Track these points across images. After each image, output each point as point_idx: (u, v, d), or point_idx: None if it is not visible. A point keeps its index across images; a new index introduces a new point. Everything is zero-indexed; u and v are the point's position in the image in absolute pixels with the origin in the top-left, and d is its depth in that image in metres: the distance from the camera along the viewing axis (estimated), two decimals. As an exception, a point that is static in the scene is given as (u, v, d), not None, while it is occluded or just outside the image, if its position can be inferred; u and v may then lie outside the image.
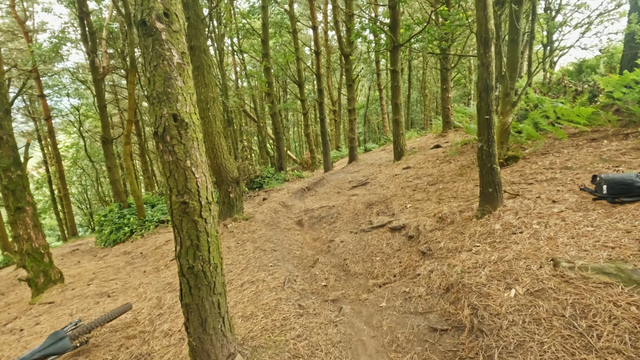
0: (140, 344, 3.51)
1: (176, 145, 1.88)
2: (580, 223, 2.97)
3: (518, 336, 2.05)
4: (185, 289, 2.10)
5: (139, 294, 5.17)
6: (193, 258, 2.03)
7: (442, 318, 2.59)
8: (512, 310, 2.23)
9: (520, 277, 2.49)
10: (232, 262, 5.30)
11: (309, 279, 4.27)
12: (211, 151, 6.65)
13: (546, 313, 2.11)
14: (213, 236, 2.11)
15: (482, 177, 3.79)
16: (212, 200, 2.09)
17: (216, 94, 6.58)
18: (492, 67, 3.54)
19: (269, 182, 12.57)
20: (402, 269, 3.85)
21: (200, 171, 1.99)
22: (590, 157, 4.77)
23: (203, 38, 6.26)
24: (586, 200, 3.44)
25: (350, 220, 6.20)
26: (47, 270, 5.99)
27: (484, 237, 3.38)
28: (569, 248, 2.64)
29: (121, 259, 8.31)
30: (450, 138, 11.69)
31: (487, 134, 3.67)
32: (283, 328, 2.92)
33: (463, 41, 16.52)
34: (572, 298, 2.14)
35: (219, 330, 2.23)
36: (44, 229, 29.31)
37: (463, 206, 4.43)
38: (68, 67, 20.41)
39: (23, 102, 22.50)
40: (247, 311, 3.51)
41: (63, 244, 15.33)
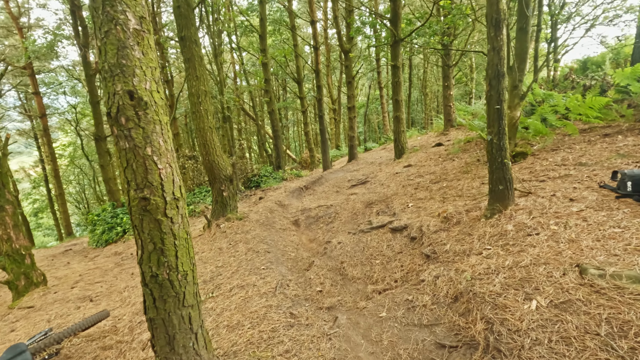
0: (116, 356, 3.19)
1: (133, 129, 1.55)
2: (605, 224, 2.64)
3: (544, 359, 1.72)
4: (149, 301, 1.77)
5: (123, 299, 4.85)
6: (157, 265, 1.71)
7: (451, 332, 2.26)
8: (535, 326, 1.90)
9: (542, 286, 2.16)
10: (222, 264, 4.98)
11: (302, 284, 3.94)
12: (203, 147, 6.32)
13: (576, 330, 1.78)
14: (182, 239, 1.78)
15: (492, 173, 3.46)
16: (180, 196, 1.76)
17: (208, 88, 6.26)
18: (503, 52, 3.21)
19: (267, 181, 12.25)
20: (404, 273, 3.52)
21: (164, 161, 1.66)
22: (606, 153, 4.44)
23: (194, 29, 5.94)
24: (608, 199, 3.11)
25: (349, 221, 5.87)
26: (29, 272, 5.67)
27: (495, 239, 3.05)
28: (596, 252, 2.31)
29: (111, 259, 7.99)
30: (452, 136, 11.35)
31: (497, 126, 3.34)
32: (270, 341, 2.60)
33: (465, 38, 16.19)
34: (606, 312, 1.81)
35: (190, 349, 1.91)
36: (42, 229, 29.06)
37: (470, 205, 4.10)
38: (64, 65, 20.11)
39: (19, 100, 22.20)
40: (234, 320, 3.18)
41: (59, 243, 15.03)
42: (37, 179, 26.76)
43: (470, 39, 18.79)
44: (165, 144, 1.67)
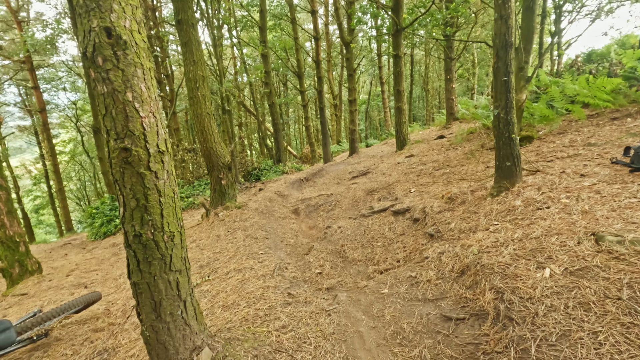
0: (107, 338, 3.07)
1: (112, 71, 1.42)
2: (620, 195, 2.49)
3: (561, 325, 1.58)
4: (133, 264, 1.64)
5: (118, 285, 4.73)
6: (140, 223, 1.57)
7: (458, 305, 2.12)
8: (550, 293, 1.76)
9: (555, 255, 2.02)
10: (220, 250, 4.85)
11: (301, 267, 3.81)
12: (201, 134, 6.19)
13: (595, 296, 1.64)
14: (168, 196, 1.65)
15: (499, 150, 3.32)
16: (165, 150, 1.63)
17: (206, 73, 6.12)
18: (511, 20, 3.06)
19: (267, 174, 12.12)
20: (406, 253, 3.38)
21: (147, 109, 1.53)
22: (616, 133, 4.28)
23: (191, 12, 5.80)
24: (621, 173, 2.96)
25: (350, 207, 5.73)
26: (23, 260, 5.55)
27: (503, 215, 2.91)
28: (612, 221, 2.17)
29: (109, 251, 7.87)
30: (454, 129, 11.18)
31: (505, 99, 3.20)
32: (266, 318, 2.46)
33: (468, 30, 16.01)
34: (627, 277, 1.67)
35: (178, 317, 1.77)
36: (43, 226, 29.04)
37: (475, 186, 3.95)
38: (64, 60, 20.02)
39: (19, 96, 22.14)
40: (229, 300, 3.06)
41: (59, 239, 14.96)
42: (37, 176, 26.72)
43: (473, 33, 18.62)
44: (149, 91, 1.54)
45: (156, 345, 1.76)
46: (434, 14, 9.40)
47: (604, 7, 11.00)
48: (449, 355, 1.80)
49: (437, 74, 30.10)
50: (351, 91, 12.78)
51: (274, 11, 16.87)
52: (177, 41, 19.16)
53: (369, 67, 28.36)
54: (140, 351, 2.65)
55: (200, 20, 12.38)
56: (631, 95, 5.54)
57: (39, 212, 30.17)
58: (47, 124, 17.02)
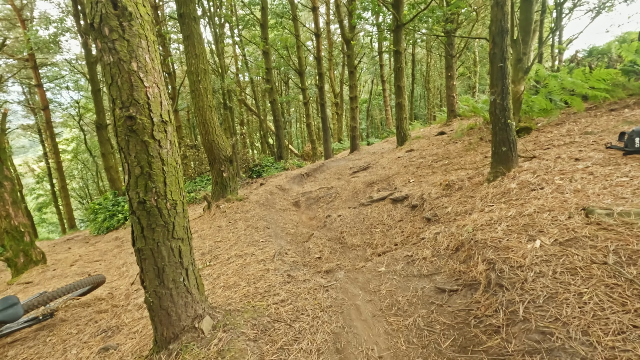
0: (111, 318, 3.14)
1: (117, 41, 1.49)
2: (612, 175, 2.55)
3: (548, 288, 1.64)
4: (137, 231, 1.71)
5: (121, 273, 4.81)
6: (144, 190, 1.64)
7: (452, 278, 2.18)
8: (539, 261, 1.82)
9: (546, 229, 2.07)
10: (221, 239, 4.92)
11: (301, 252, 3.88)
12: (202, 127, 6.27)
13: (582, 262, 1.70)
14: (171, 166, 1.71)
15: (495, 135, 3.37)
16: (168, 121, 1.70)
17: (207, 67, 6.20)
18: (507, 7, 3.12)
19: (268, 170, 12.19)
20: (404, 237, 3.44)
21: (151, 80, 1.60)
22: (613, 123, 4.33)
23: (193, 5, 5.88)
24: (615, 157, 3.02)
25: (350, 199, 5.79)
26: (28, 249, 5.64)
27: (498, 198, 2.96)
28: (603, 197, 2.22)
29: (112, 244, 7.96)
30: (455, 126, 11.21)
31: (501, 85, 3.25)
32: (266, 294, 2.53)
33: (469, 28, 16.05)
34: (614, 245, 1.72)
35: (180, 285, 1.84)
36: (46, 225, 29.19)
37: (472, 174, 4.01)
38: (67, 59, 20.16)
39: (23, 95, 22.31)
40: (230, 281, 3.13)
41: (62, 236, 15.07)
42: (40, 174, 26.89)
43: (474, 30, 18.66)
44: (152, 62, 1.60)
45: (159, 311, 1.82)
46: (434, 11, 9.45)
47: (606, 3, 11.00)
48: (442, 322, 1.86)
49: (439, 72, 30.10)
50: (352, 88, 12.84)
51: (276, 9, 16.97)
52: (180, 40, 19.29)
53: (370, 65, 28.41)
54: (144, 328, 2.72)
55: (202, 18, 12.49)
56: (630, 88, 5.58)
57: (41, 211, 30.32)
58: (50, 122, 17.16)
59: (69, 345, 2.76)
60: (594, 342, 1.31)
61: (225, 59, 19.70)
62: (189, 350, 1.81)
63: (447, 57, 12.55)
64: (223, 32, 13.90)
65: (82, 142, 24.95)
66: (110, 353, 2.43)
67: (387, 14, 10.41)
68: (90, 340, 2.76)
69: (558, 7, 10.25)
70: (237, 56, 22.07)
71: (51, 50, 17.26)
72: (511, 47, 5.20)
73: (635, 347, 1.23)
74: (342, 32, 12.32)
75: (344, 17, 12.98)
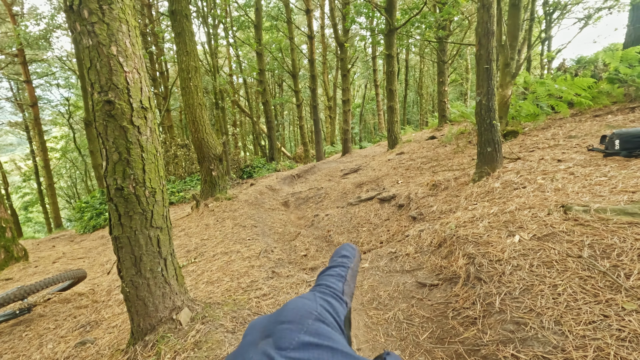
0: (91, 313, 3.09)
1: (97, 24, 1.47)
2: (592, 175, 2.60)
3: (525, 281, 1.65)
4: (114, 218, 1.68)
5: (105, 270, 4.73)
6: (122, 177, 1.62)
7: (433, 273, 2.19)
8: (517, 255, 1.84)
9: (525, 225, 2.10)
10: (208, 237, 4.88)
11: (287, 250, 3.86)
12: (192, 124, 6.23)
13: (558, 255, 1.72)
14: (150, 153, 1.70)
15: (481, 135, 3.42)
16: (148, 107, 1.68)
17: (198, 64, 6.18)
18: (493, 9, 3.18)
19: (259, 171, 12.15)
20: (390, 235, 3.45)
21: (131, 65, 1.58)
22: (596, 127, 4.42)
23: (185, 2, 5.87)
24: (596, 158, 3.07)
25: (339, 199, 5.80)
26: (9, 246, 5.51)
27: (482, 197, 2.99)
28: (582, 195, 2.26)
29: (97, 242, 7.82)
30: (446, 131, 11.32)
31: (486, 86, 3.30)
32: (248, 289, 2.51)
33: (461, 36, 16.30)
34: (589, 239, 1.75)
35: (158, 274, 1.81)
36: (31, 224, 28.59)
37: (458, 174, 4.05)
38: (58, 56, 19.89)
39: (11, 91, 21.92)
40: (214, 277, 3.10)
41: (47, 235, 14.77)
42: (27, 172, 26.39)
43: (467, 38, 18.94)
44: (133, 47, 1.59)
45: (136, 302, 1.79)
46: (426, 16, 9.57)
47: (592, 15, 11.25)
48: (421, 315, 1.86)
49: (432, 79, 30.41)
50: (345, 91, 12.90)
51: (270, 12, 17.02)
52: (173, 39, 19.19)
53: (363, 70, 28.62)
54: (123, 322, 2.67)
55: (196, 18, 12.46)
56: (614, 96, 5.71)
57: (27, 210, 29.73)
58: (39, 119, 16.86)
59: (46, 340, 2.70)
60: (566, 331, 1.33)
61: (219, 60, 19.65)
62: (165, 341, 1.78)
63: (440, 63, 12.70)
64: (217, 32, 13.86)
65: (71, 140, 24.58)
66: (87, 347, 2.38)
67: (380, 18, 10.51)
68: (67, 335, 2.70)
69: (547, 17, 10.49)
70: (231, 57, 22.04)
71: (41, 47, 17.04)
72: (499, 51, 5.29)
73: (604, 336, 1.25)
74: (335, 36, 12.40)
75: (338, 21, 13.08)
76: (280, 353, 0.31)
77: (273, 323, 0.37)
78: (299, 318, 0.36)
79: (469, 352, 1.47)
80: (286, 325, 0.35)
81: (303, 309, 0.39)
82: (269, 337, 0.35)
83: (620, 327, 1.26)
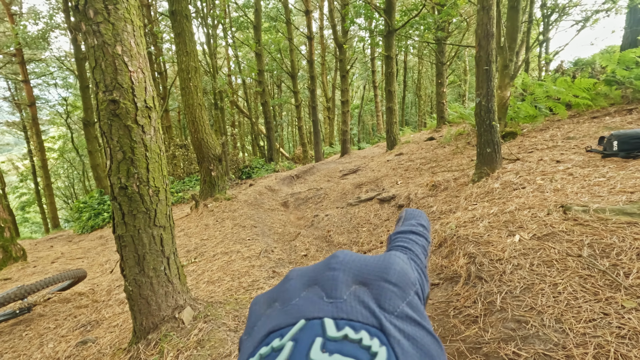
0: (91, 313, 3.09)
1: (102, 24, 1.48)
2: (591, 175, 2.62)
3: (525, 279, 1.67)
4: (118, 217, 1.69)
5: (104, 270, 4.72)
6: (126, 176, 1.63)
7: (434, 273, 2.21)
8: (517, 254, 1.85)
9: (525, 225, 2.12)
10: (207, 237, 4.88)
11: (288, 250, 3.87)
12: (192, 125, 6.24)
13: (558, 254, 1.74)
14: (154, 152, 1.71)
15: (480, 136, 3.44)
16: (152, 107, 1.69)
17: (198, 64, 6.18)
18: (493, 11, 3.20)
19: (258, 171, 12.15)
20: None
21: (135, 64, 1.59)
22: (594, 128, 4.46)
23: (185, 3, 5.88)
24: (594, 159, 3.10)
25: (338, 199, 5.81)
26: (7, 246, 5.50)
27: (482, 197, 3.01)
28: (581, 196, 2.28)
29: (96, 242, 7.81)
30: (444, 132, 11.37)
31: (486, 87, 3.33)
32: (250, 288, 2.52)
33: (460, 37, 16.37)
34: (589, 239, 1.77)
35: (161, 273, 1.82)
36: (29, 224, 28.45)
37: (458, 175, 4.07)
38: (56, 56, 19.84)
39: (9, 91, 21.84)
40: (214, 277, 3.10)
41: (45, 235, 14.71)
42: (25, 172, 26.28)
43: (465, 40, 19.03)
44: (138, 47, 1.60)
45: (139, 300, 1.80)
46: (425, 18, 9.61)
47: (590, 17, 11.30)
48: (422, 314, 1.88)
49: (430, 80, 30.50)
50: (344, 92, 12.93)
51: (270, 13, 17.04)
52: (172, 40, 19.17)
53: (362, 71, 28.67)
54: (124, 322, 2.68)
55: (195, 19, 12.47)
56: (612, 97, 5.75)
57: (24, 210, 29.59)
58: (37, 119, 16.82)
59: (46, 339, 2.70)
60: (567, 329, 1.34)
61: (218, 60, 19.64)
62: (168, 340, 1.78)
63: (438, 65, 12.75)
64: (216, 33, 13.87)
65: (69, 140, 24.50)
66: (88, 346, 2.38)
67: (379, 20, 10.55)
68: (68, 335, 2.70)
69: (545, 19, 10.54)
70: (230, 58, 22.04)
71: (40, 47, 17.00)
72: (498, 53, 5.32)
73: (604, 334, 1.27)
74: (334, 37, 12.43)
75: (337, 22, 13.11)
76: (385, 315, 0.28)
77: (375, 275, 0.32)
78: (405, 285, 0.32)
79: (470, 350, 1.49)
80: (392, 287, 0.31)
81: (407, 276, 0.34)
82: (366, 286, 0.31)
83: (620, 324, 1.28)
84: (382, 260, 0.36)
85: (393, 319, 0.28)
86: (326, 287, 0.31)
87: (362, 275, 0.32)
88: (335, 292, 0.29)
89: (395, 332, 0.27)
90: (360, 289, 0.30)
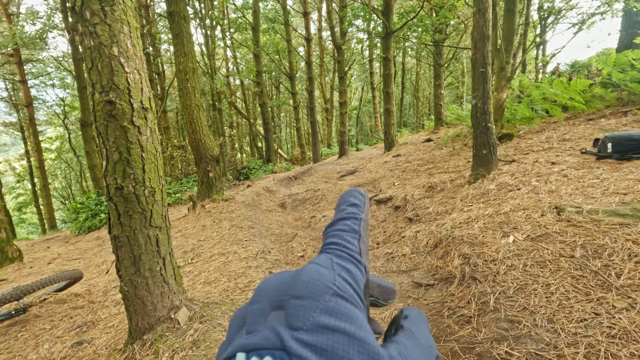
0: (87, 314, 3.08)
1: (99, 25, 1.49)
2: (585, 177, 2.64)
3: (518, 280, 1.69)
4: (114, 217, 1.70)
5: (100, 270, 4.71)
6: (122, 176, 1.63)
7: (429, 274, 2.22)
8: (511, 255, 1.87)
9: (520, 226, 2.13)
10: (205, 238, 4.88)
11: (284, 251, 3.88)
12: (189, 125, 6.24)
13: (551, 255, 1.76)
14: (150, 153, 1.71)
15: (476, 138, 3.46)
16: (149, 108, 1.70)
17: (196, 65, 6.19)
18: (488, 14, 3.23)
19: (256, 172, 12.16)
20: (386, 236, 3.48)
21: (132, 66, 1.60)
22: (590, 131, 4.49)
23: (183, 4, 5.89)
24: (589, 161, 3.13)
25: (335, 200, 5.82)
26: (3, 246, 5.48)
27: (477, 198, 3.03)
28: (574, 197, 2.30)
29: (93, 243, 7.79)
30: (442, 134, 11.41)
31: (482, 89, 3.35)
32: (246, 289, 2.53)
33: (457, 39, 16.44)
34: (581, 240, 1.79)
35: (157, 274, 1.83)
36: (25, 225, 28.32)
37: (454, 176, 4.09)
38: (53, 56, 19.80)
39: (6, 91, 21.77)
40: (211, 278, 3.10)
41: (41, 236, 14.65)
42: (21, 173, 26.18)
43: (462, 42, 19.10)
44: (134, 48, 1.61)
45: (134, 301, 1.80)
46: (423, 20, 9.65)
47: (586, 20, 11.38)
48: (417, 314, 1.89)
49: (428, 82, 30.62)
50: (342, 94, 12.96)
51: (268, 14, 17.07)
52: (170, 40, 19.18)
53: (360, 73, 28.75)
54: (120, 322, 2.67)
55: (193, 20, 12.48)
56: (607, 100, 5.79)
57: (21, 210, 29.45)
58: (34, 119, 16.75)
59: (42, 340, 2.69)
60: (558, 329, 1.36)
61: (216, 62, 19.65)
62: (164, 340, 1.79)
63: (436, 67, 12.81)
64: (214, 34, 13.88)
65: (67, 141, 24.43)
66: (84, 347, 2.38)
67: (377, 22, 10.59)
68: (64, 335, 2.70)
69: (542, 22, 10.61)
70: (228, 59, 22.05)
71: (37, 47, 16.96)
72: (494, 55, 5.35)
73: (595, 333, 1.28)
74: (333, 38, 12.46)
75: (335, 23, 13.16)
76: (291, 333, 0.27)
77: (286, 294, 0.32)
78: (315, 293, 0.31)
79: (464, 349, 1.50)
80: (300, 301, 0.30)
81: (320, 281, 0.33)
82: (281, 309, 0.31)
83: (611, 324, 1.29)
84: (293, 275, 0.35)
85: (301, 335, 0.27)
86: (248, 322, 0.31)
87: (278, 299, 0.32)
88: (254, 326, 0.30)
89: (301, 348, 0.26)
90: (276, 314, 0.30)
